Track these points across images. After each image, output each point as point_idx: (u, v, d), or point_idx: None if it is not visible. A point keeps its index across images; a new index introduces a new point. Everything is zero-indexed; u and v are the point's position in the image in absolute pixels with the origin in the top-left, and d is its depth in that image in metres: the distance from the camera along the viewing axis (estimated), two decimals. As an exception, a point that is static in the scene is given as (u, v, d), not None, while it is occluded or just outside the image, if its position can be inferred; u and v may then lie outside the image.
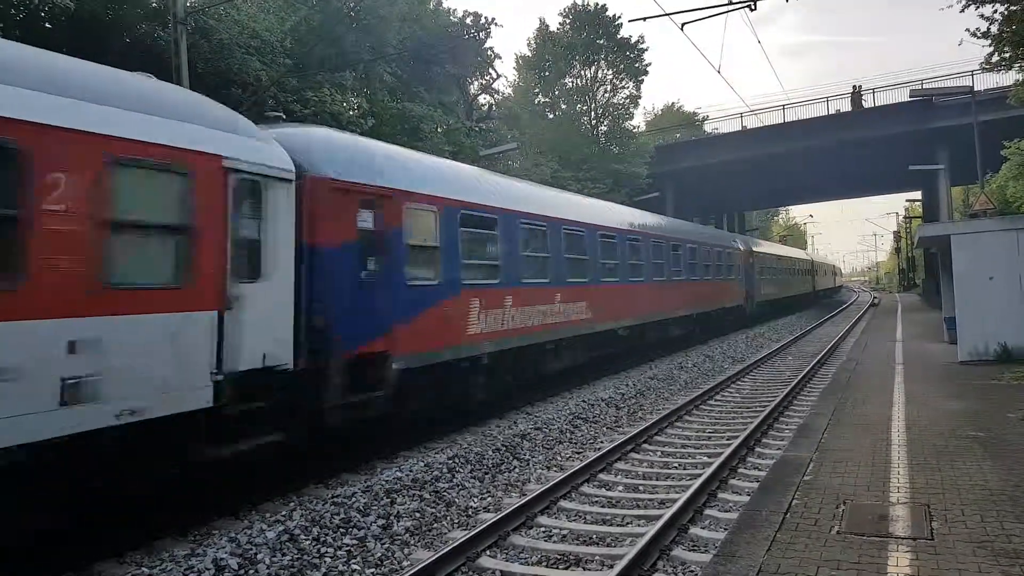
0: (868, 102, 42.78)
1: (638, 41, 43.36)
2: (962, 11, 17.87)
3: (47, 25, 15.98)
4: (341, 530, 7.23)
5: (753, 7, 15.11)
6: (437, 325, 10.78)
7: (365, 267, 9.39)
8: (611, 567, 6.23)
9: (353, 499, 8.00)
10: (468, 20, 31.91)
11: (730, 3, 15.19)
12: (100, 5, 16.40)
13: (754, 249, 34.13)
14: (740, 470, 9.40)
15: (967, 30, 18.39)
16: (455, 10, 33.15)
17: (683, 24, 16.21)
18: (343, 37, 22.79)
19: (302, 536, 7.00)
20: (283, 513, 7.60)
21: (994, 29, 17.90)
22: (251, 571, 6.31)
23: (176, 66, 15.04)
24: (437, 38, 28.64)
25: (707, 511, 7.76)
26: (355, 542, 7.01)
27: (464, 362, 11.58)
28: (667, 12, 15.78)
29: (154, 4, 18.29)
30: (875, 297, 63.64)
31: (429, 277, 10.73)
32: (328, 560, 6.61)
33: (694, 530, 7.19)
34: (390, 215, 9.77)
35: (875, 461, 7.54)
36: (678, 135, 57.63)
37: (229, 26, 18.71)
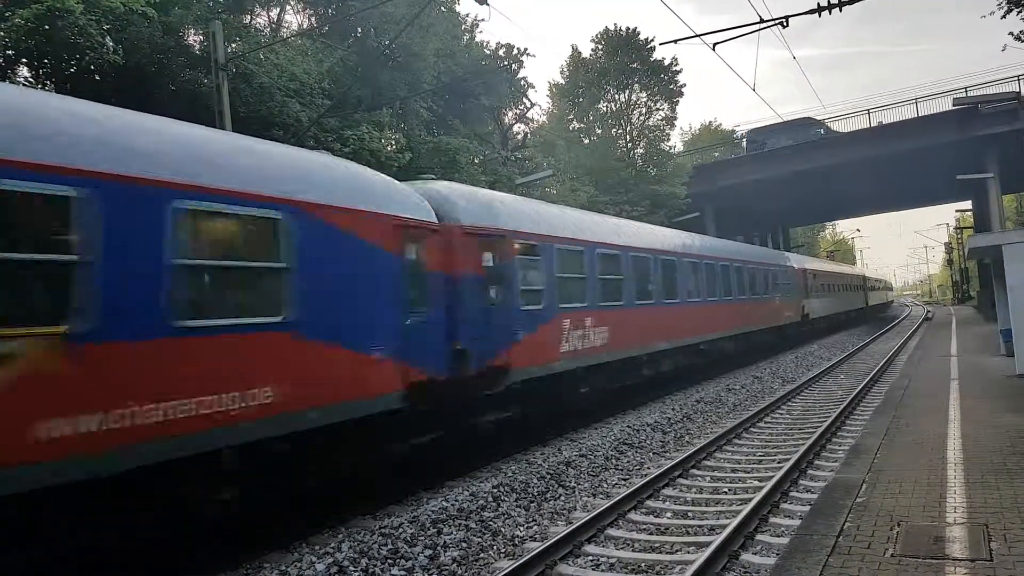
0: (911, 112, 42.10)
1: (671, 63, 43.31)
2: (1003, 17, 17.56)
3: (96, 77, 16.64)
4: (389, 561, 7.26)
5: (785, 24, 15.02)
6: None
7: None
8: (660, 595, 6.13)
9: (400, 530, 8.04)
10: (501, 52, 32.36)
11: (761, 21, 15.14)
12: (146, 56, 17.02)
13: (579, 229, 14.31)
14: (791, 493, 9.20)
15: (1011, 34, 18.01)
16: (488, 43, 33.42)
17: (715, 44, 16.19)
18: (379, 76, 23.28)
19: (351, 568, 7.05)
20: (332, 545, 7.66)
21: None
22: (301, 605, 6.37)
23: (219, 111, 15.54)
24: (471, 72, 29.07)
25: (758, 536, 7.60)
26: (403, 573, 7.03)
27: None
28: (698, 33, 15.79)
29: (197, 51, 18.93)
30: (928, 311, 61.90)
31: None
32: (376, 592, 6.64)
33: (745, 556, 7.05)
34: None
35: (930, 481, 7.32)
36: (716, 154, 57.18)
37: (268, 70, 19.25)
